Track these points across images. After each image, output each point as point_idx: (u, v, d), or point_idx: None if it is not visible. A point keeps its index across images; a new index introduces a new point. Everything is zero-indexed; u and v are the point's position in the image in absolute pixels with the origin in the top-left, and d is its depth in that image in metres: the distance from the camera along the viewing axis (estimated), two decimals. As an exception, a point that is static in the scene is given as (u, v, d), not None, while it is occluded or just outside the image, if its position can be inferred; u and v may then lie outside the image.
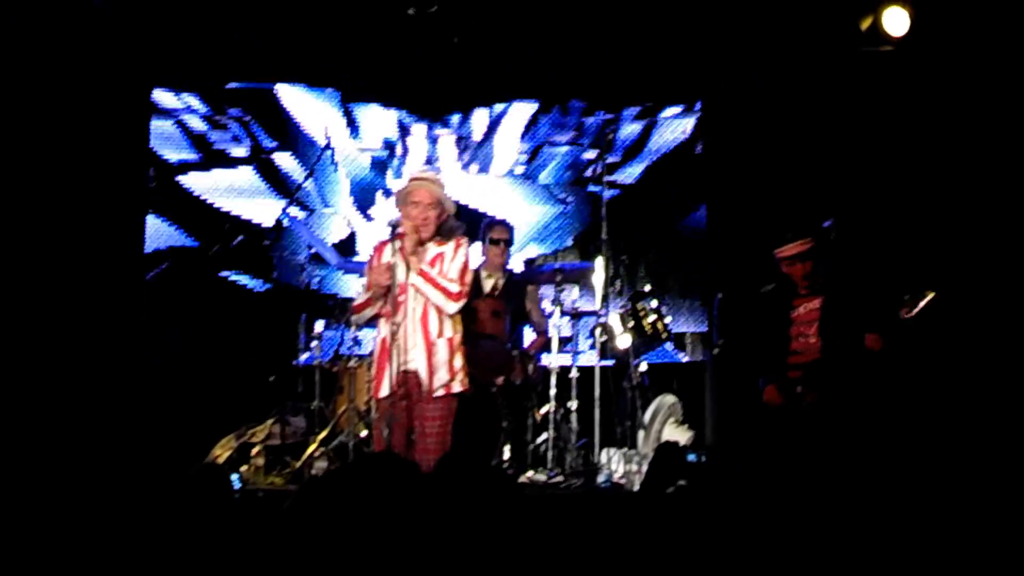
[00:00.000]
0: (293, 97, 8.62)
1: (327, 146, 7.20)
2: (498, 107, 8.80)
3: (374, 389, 5.57)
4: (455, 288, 5.42)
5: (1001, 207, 7.53)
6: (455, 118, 8.74)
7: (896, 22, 7.32)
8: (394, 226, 5.47)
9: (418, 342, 5.37)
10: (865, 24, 7.35)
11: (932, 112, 7.71)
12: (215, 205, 8.44)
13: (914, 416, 6.26)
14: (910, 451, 5.94)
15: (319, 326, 7.41)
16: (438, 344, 5.43)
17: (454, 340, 5.51)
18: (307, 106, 8.62)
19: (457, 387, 5.46)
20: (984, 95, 7.60)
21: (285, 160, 8.52)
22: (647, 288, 7.38)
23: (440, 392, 5.40)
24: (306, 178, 7.25)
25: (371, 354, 6.03)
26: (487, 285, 7.24)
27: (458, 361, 5.49)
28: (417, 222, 5.38)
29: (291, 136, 8.57)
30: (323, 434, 6.89)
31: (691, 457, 6.53)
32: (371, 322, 5.71)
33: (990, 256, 7.47)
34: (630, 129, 8.78)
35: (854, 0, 7.52)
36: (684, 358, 8.47)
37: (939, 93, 7.68)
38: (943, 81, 7.67)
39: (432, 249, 5.47)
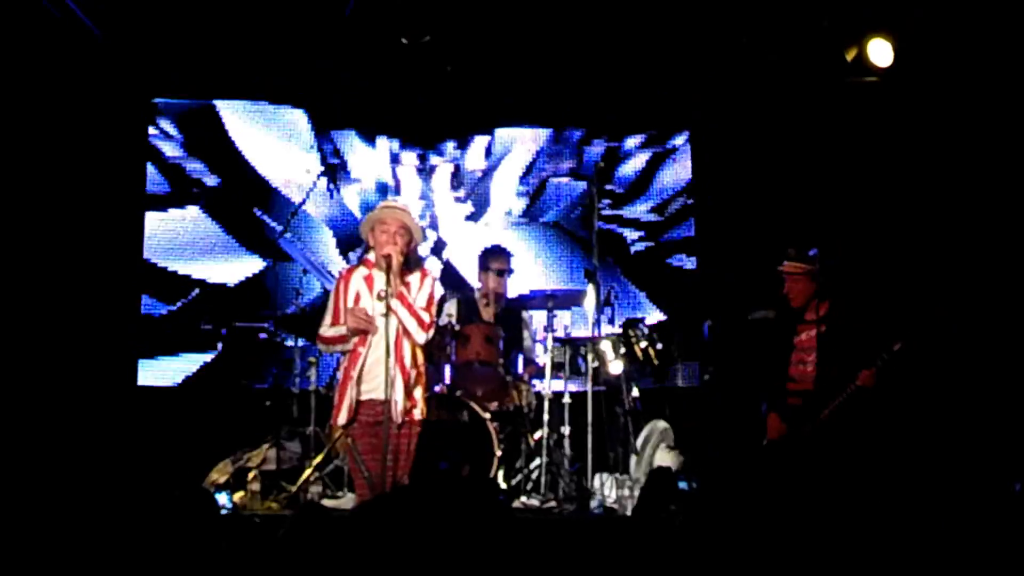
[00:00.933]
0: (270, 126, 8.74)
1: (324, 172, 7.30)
2: (498, 145, 8.89)
3: (334, 416, 5.54)
4: (427, 318, 5.45)
5: (988, 234, 7.62)
6: (449, 146, 8.85)
7: (880, 53, 7.44)
8: (362, 253, 5.51)
9: (395, 371, 5.34)
10: (850, 55, 7.46)
11: (918, 141, 7.83)
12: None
13: (902, 450, 6.30)
14: (899, 482, 5.98)
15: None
16: (412, 374, 5.45)
17: (421, 369, 5.56)
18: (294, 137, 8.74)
19: (419, 415, 5.49)
20: (969, 123, 7.73)
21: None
22: (638, 315, 7.45)
23: (410, 419, 5.43)
24: (298, 207, 7.31)
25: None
26: (485, 313, 7.32)
27: (420, 391, 5.53)
28: (387, 247, 5.38)
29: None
30: (318, 459, 6.84)
31: (682, 484, 6.55)
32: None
33: (981, 284, 7.55)
34: (633, 164, 8.90)
35: (839, 32, 7.64)
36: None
37: (924, 123, 7.80)
38: (928, 111, 7.79)
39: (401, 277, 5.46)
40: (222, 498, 6.49)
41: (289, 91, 8.72)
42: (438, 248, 8.79)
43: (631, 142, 8.92)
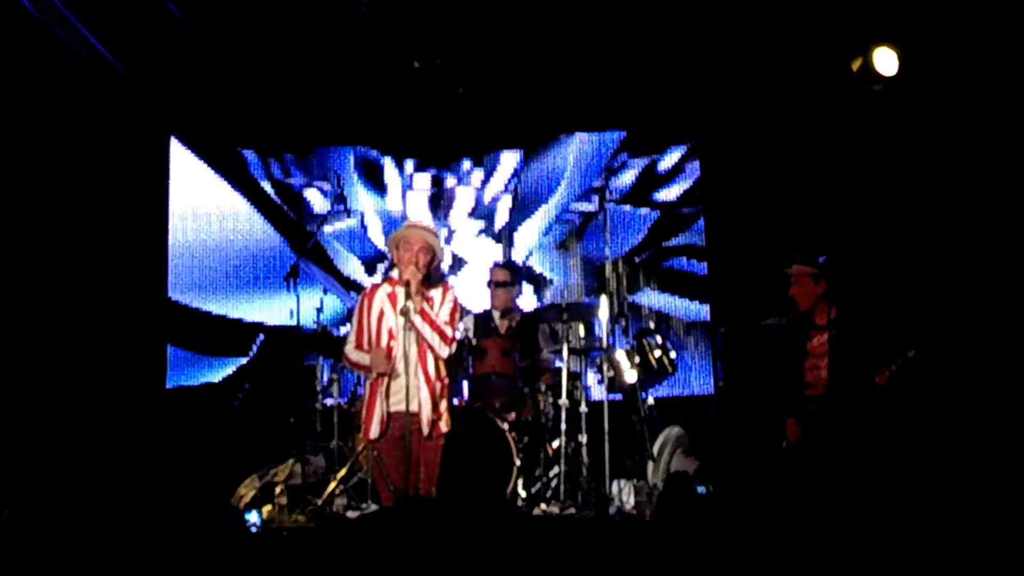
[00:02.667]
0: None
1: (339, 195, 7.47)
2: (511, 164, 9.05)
3: (364, 430, 5.71)
4: (450, 332, 5.63)
5: (993, 239, 7.71)
6: (466, 164, 9.02)
7: (886, 62, 7.54)
8: (387, 270, 5.68)
9: (421, 385, 5.54)
10: (856, 65, 7.56)
11: (924, 149, 7.93)
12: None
13: (915, 453, 6.37)
14: (910, 486, 6.06)
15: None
16: (436, 387, 5.63)
17: (445, 383, 5.73)
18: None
19: (444, 427, 5.67)
20: (974, 129, 7.82)
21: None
22: (651, 324, 7.55)
23: (437, 431, 5.61)
24: (319, 226, 7.47)
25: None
26: (501, 325, 7.45)
27: (444, 403, 5.70)
28: (410, 265, 5.57)
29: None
30: (342, 472, 7.02)
31: (700, 489, 6.66)
32: None
33: (986, 289, 7.64)
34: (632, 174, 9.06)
35: (845, 42, 7.76)
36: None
37: (929, 131, 7.90)
38: (933, 118, 7.89)
39: (422, 293, 5.63)
40: (252, 516, 6.63)
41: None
42: (455, 267, 8.98)
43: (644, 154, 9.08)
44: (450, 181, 9.05)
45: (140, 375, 8.52)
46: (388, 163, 9.13)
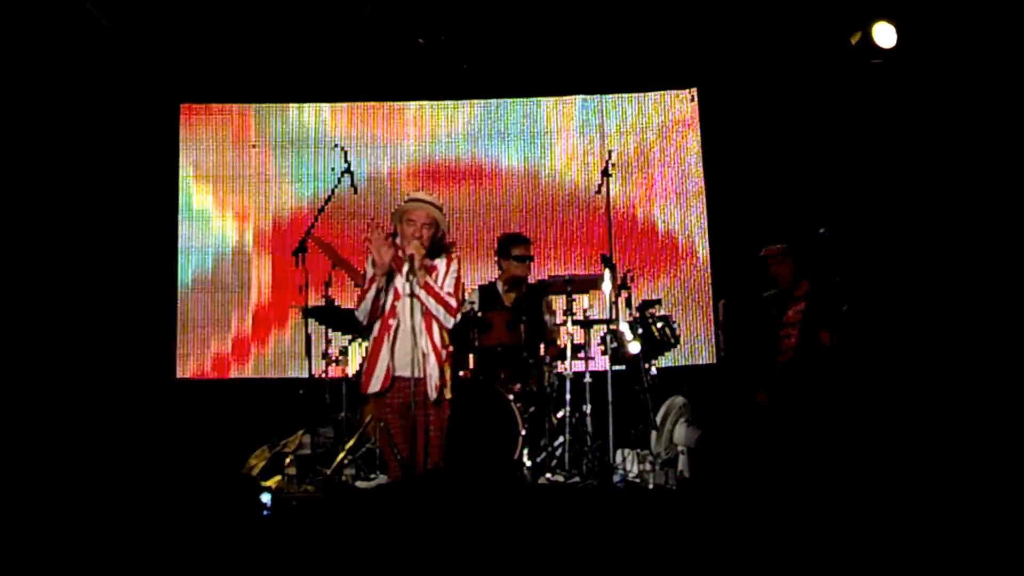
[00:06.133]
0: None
1: (347, 170, 7.51)
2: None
3: (364, 384, 5.72)
4: (454, 303, 5.68)
5: (984, 211, 7.80)
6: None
7: (884, 36, 7.58)
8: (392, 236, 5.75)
9: (428, 352, 5.60)
10: (855, 39, 7.61)
11: (919, 121, 8.00)
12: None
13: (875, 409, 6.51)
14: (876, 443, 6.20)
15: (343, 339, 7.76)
16: (443, 355, 5.68)
17: (450, 351, 5.80)
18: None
19: (449, 395, 5.71)
20: (970, 104, 7.89)
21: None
22: (654, 297, 7.62)
23: (442, 399, 5.66)
24: (326, 200, 7.52)
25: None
26: (506, 298, 7.54)
27: (448, 371, 5.74)
28: (413, 240, 5.62)
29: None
30: (351, 443, 7.13)
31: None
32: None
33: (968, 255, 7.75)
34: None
35: (845, 15, 7.81)
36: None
37: (926, 104, 7.96)
38: (930, 91, 7.96)
39: (425, 263, 5.68)
40: (265, 497, 6.70)
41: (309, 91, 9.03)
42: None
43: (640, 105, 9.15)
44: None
45: (149, 359, 8.66)
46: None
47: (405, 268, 5.58)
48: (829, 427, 6.15)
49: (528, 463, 6.89)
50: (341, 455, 7.05)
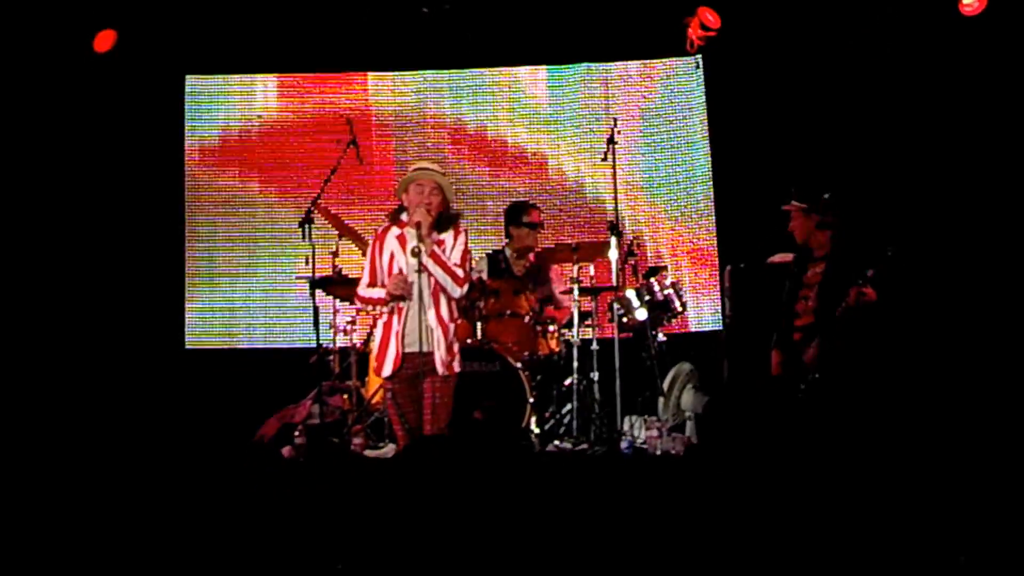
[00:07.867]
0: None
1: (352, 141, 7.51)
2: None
3: (377, 367, 5.77)
4: (461, 273, 5.66)
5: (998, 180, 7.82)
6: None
7: None
8: (397, 213, 5.77)
9: (435, 326, 5.59)
10: None
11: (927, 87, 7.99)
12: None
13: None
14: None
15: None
16: (450, 328, 5.67)
17: (459, 323, 5.81)
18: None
19: (457, 367, 5.71)
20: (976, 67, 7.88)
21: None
22: (661, 263, 7.64)
23: (450, 371, 5.65)
24: (332, 172, 7.53)
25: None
26: (516, 265, 7.54)
27: (457, 344, 5.75)
28: (420, 207, 5.59)
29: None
30: (360, 412, 7.20)
31: None
32: None
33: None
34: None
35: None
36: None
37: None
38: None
39: (433, 236, 5.65)
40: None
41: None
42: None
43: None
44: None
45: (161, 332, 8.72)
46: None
47: (411, 236, 5.57)
48: (853, 388, 6.13)
49: (536, 430, 6.92)
50: (350, 424, 7.09)
